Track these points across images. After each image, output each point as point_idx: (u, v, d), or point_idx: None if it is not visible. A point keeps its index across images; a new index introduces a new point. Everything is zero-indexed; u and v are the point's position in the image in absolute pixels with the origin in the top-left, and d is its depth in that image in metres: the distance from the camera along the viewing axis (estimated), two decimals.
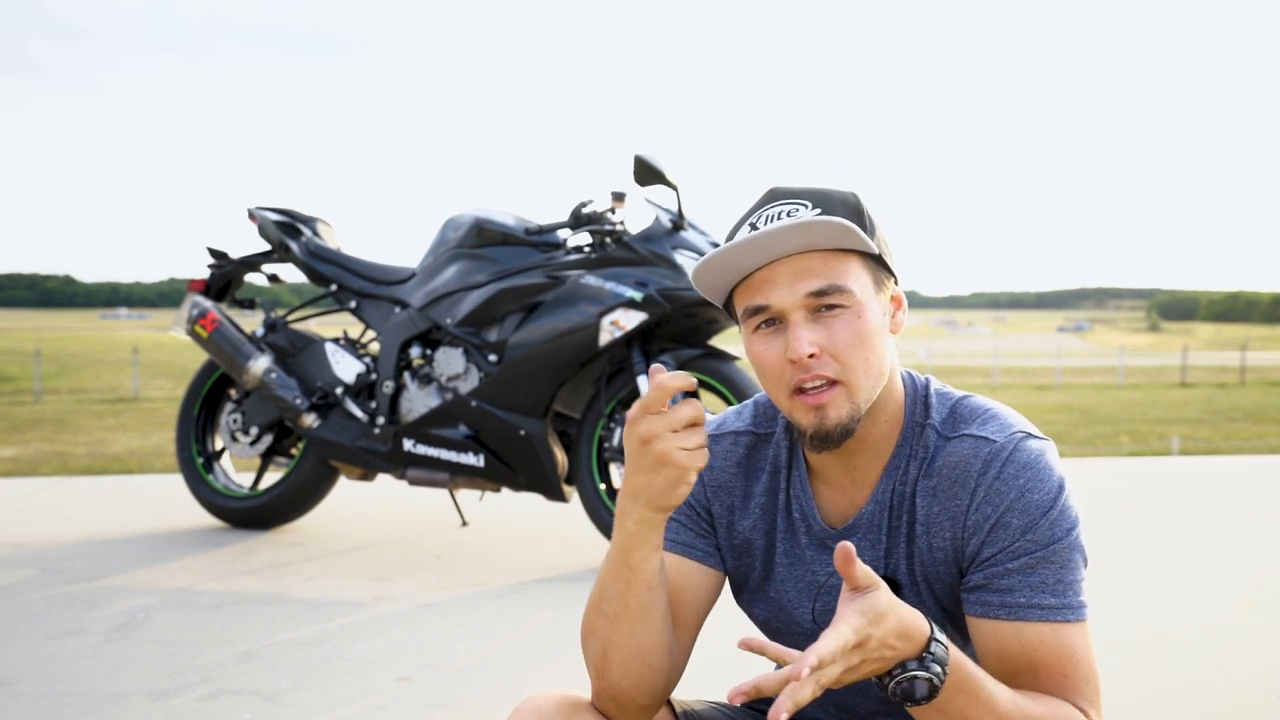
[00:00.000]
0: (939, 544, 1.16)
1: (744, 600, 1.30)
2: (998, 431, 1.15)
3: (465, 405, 3.70)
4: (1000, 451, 1.13)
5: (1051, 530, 1.10)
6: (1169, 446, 11.90)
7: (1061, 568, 1.10)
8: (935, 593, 1.18)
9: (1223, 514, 4.54)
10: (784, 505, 1.25)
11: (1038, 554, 1.10)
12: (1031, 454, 1.13)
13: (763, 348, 1.14)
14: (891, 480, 1.19)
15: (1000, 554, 1.11)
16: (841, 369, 1.11)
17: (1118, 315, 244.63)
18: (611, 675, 1.15)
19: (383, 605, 3.09)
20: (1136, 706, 2.23)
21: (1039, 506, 1.10)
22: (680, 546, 1.25)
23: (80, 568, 3.51)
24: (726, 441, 1.29)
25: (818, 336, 1.11)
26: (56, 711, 2.23)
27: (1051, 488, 1.11)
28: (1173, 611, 3.00)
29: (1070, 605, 1.10)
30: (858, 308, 1.12)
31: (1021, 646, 1.10)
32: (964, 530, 1.14)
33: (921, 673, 0.99)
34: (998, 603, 1.10)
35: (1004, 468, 1.12)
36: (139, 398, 21.28)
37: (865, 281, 1.14)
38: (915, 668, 0.99)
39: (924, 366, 31.89)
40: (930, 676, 0.99)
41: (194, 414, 4.27)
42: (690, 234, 3.59)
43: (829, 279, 1.11)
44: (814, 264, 1.11)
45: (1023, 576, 1.10)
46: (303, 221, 4.22)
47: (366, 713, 2.23)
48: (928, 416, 1.19)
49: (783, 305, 1.12)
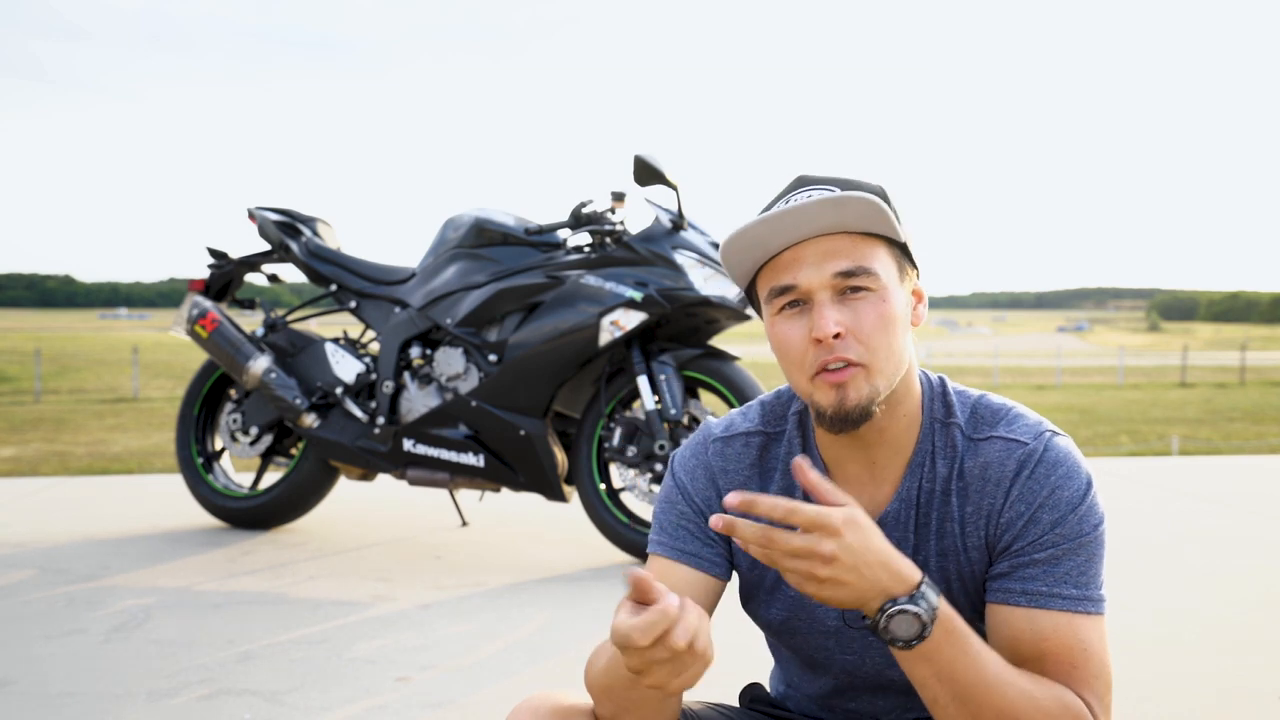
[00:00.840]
0: (973, 543, 1.16)
1: (759, 602, 1.28)
2: (1026, 432, 1.16)
3: (465, 405, 3.70)
4: (1033, 454, 1.14)
5: (1080, 524, 1.12)
6: (1169, 446, 11.90)
7: (1086, 560, 1.11)
8: (968, 591, 1.18)
9: (1222, 514, 4.54)
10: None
11: (1064, 546, 1.11)
12: (1061, 452, 1.15)
13: (786, 328, 1.14)
14: (917, 477, 1.19)
15: (1028, 545, 1.12)
16: (864, 351, 1.11)
17: (1118, 315, 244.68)
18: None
19: (383, 605, 3.09)
20: (1136, 706, 2.23)
21: (1069, 502, 1.12)
22: (685, 556, 1.23)
23: (80, 568, 3.52)
24: (738, 444, 1.27)
25: (843, 317, 1.11)
26: (56, 711, 2.23)
27: (1081, 484, 1.13)
28: (1173, 611, 2.99)
29: (1090, 597, 1.11)
30: (883, 292, 1.12)
31: (1033, 634, 1.10)
32: (996, 527, 1.15)
33: (911, 607, 1.00)
34: (1019, 590, 1.11)
35: (1037, 468, 1.13)
36: (139, 398, 21.28)
37: (891, 268, 1.14)
38: (905, 603, 1.00)
39: (924, 366, 31.86)
40: (919, 612, 1.00)
41: (194, 414, 4.27)
42: (690, 234, 3.59)
43: (856, 260, 1.11)
44: (842, 245, 1.11)
45: (1047, 567, 1.11)
46: (302, 221, 4.22)
47: (366, 713, 2.23)
48: (950, 415, 1.20)
49: (810, 285, 1.12)
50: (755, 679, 1.44)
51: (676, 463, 1.29)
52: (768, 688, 1.41)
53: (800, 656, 1.29)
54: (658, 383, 3.49)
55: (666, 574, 1.23)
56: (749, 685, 1.39)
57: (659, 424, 3.46)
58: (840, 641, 1.23)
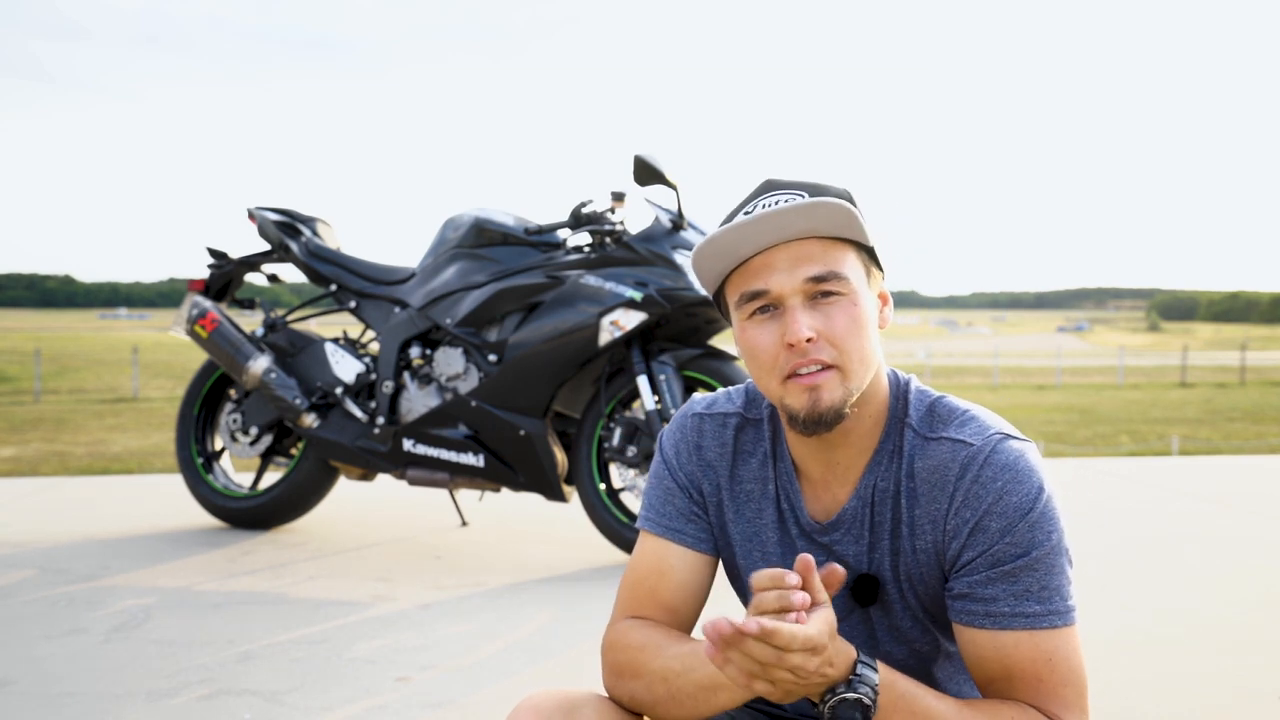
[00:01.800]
0: (921, 546, 1.16)
1: (739, 585, 1.31)
2: (975, 434, 1.15)
3: (465, 405, 3.70)
4: (977, 455, 1.13)
5: (1032, 534, 1.09)
6: (1169, 446, 11.91)
7: (1046, 574, 1.10)
8: (918, 594, 1.19)
9: (1222, 514, 4.54)
10: (774, 495, 1.25)
11: (1019, 561, 1.09)
12: (1010, 456, 1.12)
13: (757, 333, 1.14)
14: (873, 476, 1.19)
15: (980, 558, 1.11)
16: (837, 354, 1.12)
17: (1118, 315, 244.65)
18: (643, 709, 1.18)
19: (383, 605, 3.09)
20: (1136, 706, 2.23)
21: (1017, 509, 1.10)
22: (673, 533, 1.26)
23: (80, 568, 3.51)
24: (716, 422, 1.29)
25: (815, 321, 1.11)
26: (56, 711, 2.23)
27: (1031, 490, 1.11)
28: (1172, 611, 2.99)
29: (1056, 611, 1.09)
30: (853, 295, 1.13)
31: (997, 652, 1.10)
32: (944, 534, 1.14)
33: (850, 694, 1.00)
34: (982, 612, 1.10)
35: (981, 470, 1.12)
36: (139, 398, 21.28)
37: (860, 271, 1.15)
38: (844, 690, 1.01)
39: (924, 366, 31.88)
40: (859, 697, 1.01)
41: (194, 414, 4.27)
42: (690, 234, 3.59)
43: (828, 265, 1.12)
44: (813, 250, 1.12)
45: (1006, 585, 1.10)
46: (302, 221, 4.22)
47: (366, 713, 2.23)
48: (906, 414, 1.20)
49: (781, 290, 1.12)
50: None
51: (664, 439, 1.32)
52: None
53: None
54: (658, 383, 3.49)
55: (660, 553, 1.26)
56: None
57: (659, 424, 3.46)
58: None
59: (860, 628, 1.22)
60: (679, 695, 1.13)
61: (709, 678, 1.10)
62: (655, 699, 1.16)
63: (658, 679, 1.15)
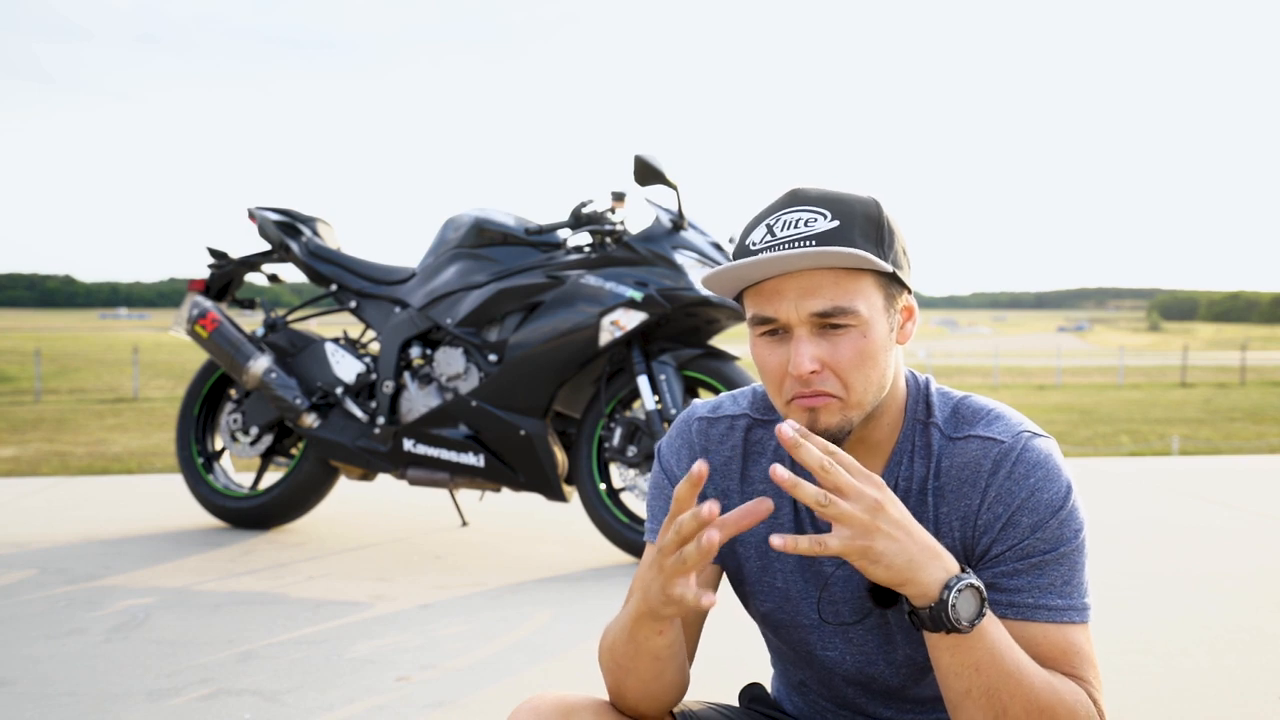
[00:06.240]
0: (948, 543, 1.16)
1: (746, 590, 1.29)
2: (1004, 431, 1.16)
3: (465, 405, 3.70)
4: (1009, 451, 1.14)
5: (1061, 530, 1.11)
6: (1169, 446, 11.91)
7: (1070, 569, 1.11)
8: None
9: (1223, 514, 4.53)
10: (788, 496, 1.24)
11: (1047, 555, 1.11)
12: (1040, 453, 1.14)
13: (766, 353, 1.15)
14: (894, 477, 1.19)
15: (1008, 552, 1.12)
16: (840, 385, 1.12)
17: (1118, 315, 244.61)
18: (627, 700, 1.19)
19: (383, 605, 3.09)
20: (1136, 707, 2.23)
21: (1049, 506, 1.12)
22: None
23: (80, 568, 3.51)
24: (722, 425, 1.28)
25: (821, 352, 1.11)
26: (56, 711, 2.23)
27: (1061, 488, 1.13)
28: (1173, 612, 2.99)
29: (1075, 607, 1.11)
30: (864, 326, 1.12)
31: (1023, 644, 1.11)
32: (974, 530, 1.15)
33: (974, 580, 1.03)
34: (1005, 602, 1.12)
35: (1014, 467, 1.13)
36: (139, 398, 21.29)
37: (875, 300, 1.13)
38: (968, 577, 1.03)
39: (924, 366, 31.88)
40: (980, 586, 1.04)
41: (194, 414, 4.27)
42: (690, 234, 3.59)
43: (835, 300, 1.10)
44: (823, 282, 1.10)
45: (1031, 577, 1.11)
46: (303, 221, 4.22)
47: (366, 713, 2.23)
48: (930, 415, 1.20)
49: (789, 319, 1.12)
50: (755, 679, 1.45)
51: (662, 449, 1.31)
52: (768, 688, 1.42)
53: (788, 651, 1.31)
54: (658, 383, 3.49)
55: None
56: (749, 685, 1.40)
57: (659, 424, 3.46)
58: (821, 637, 1.24)
59: (877, 630, 1.22)
60: (621, 658, 1.15)
61: (626, 616, 1.12)
62: (617, 680, 1.18)
63: (611, 658, 1.17)
